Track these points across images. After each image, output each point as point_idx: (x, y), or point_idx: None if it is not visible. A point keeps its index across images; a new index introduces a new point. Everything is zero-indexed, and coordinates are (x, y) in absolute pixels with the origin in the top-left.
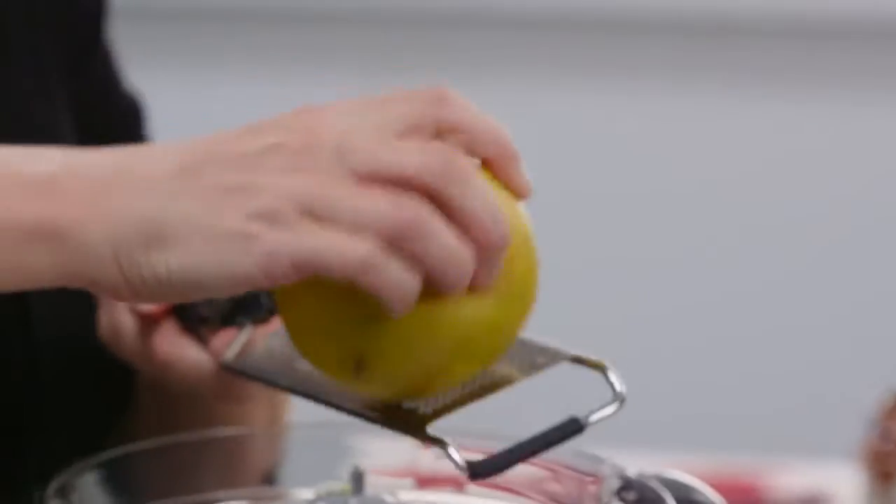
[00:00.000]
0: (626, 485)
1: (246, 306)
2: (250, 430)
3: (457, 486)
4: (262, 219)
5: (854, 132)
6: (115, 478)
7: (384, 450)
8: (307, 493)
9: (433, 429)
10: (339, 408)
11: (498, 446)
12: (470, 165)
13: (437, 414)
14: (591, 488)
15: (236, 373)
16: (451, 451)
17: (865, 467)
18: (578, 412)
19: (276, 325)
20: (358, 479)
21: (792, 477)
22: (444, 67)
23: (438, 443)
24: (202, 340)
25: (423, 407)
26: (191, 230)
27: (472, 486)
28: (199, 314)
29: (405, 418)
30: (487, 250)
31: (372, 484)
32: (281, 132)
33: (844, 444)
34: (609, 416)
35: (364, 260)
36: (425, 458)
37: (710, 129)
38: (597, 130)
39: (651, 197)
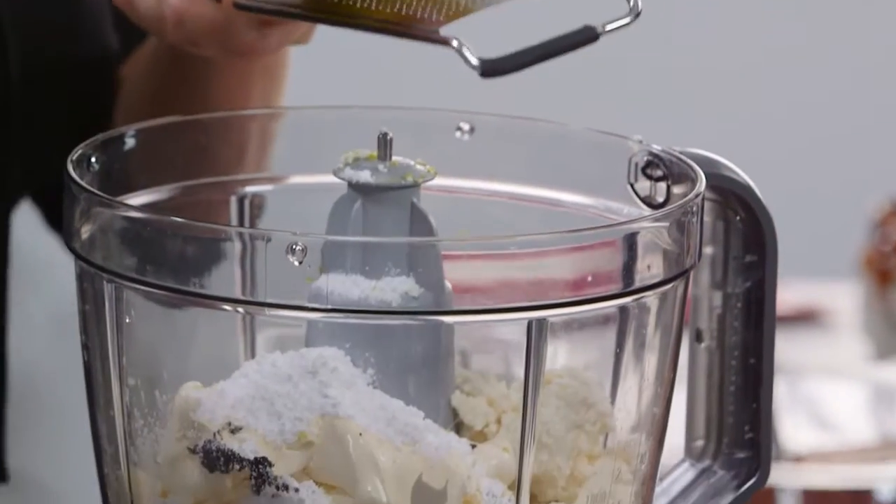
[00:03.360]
0: (654, 160)
1: None
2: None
3: None
4: None
5: None
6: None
7: None
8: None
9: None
10: (356, 26)
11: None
12: None
13: (449, 18)
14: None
15: (250, 9)
16: (464, 49)
17: (864, 270)
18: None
19: None
20: (385, 143)
21: (786, 293)
22: None
23: (451, 42)
24: None
25: (436, 15)
26: None
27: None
28: None
29: (419, 26)
30: None
31: None
32: None
33: (838, 263)
34: (624, 27)
35: None
36: None
37: None
38: None
39: None
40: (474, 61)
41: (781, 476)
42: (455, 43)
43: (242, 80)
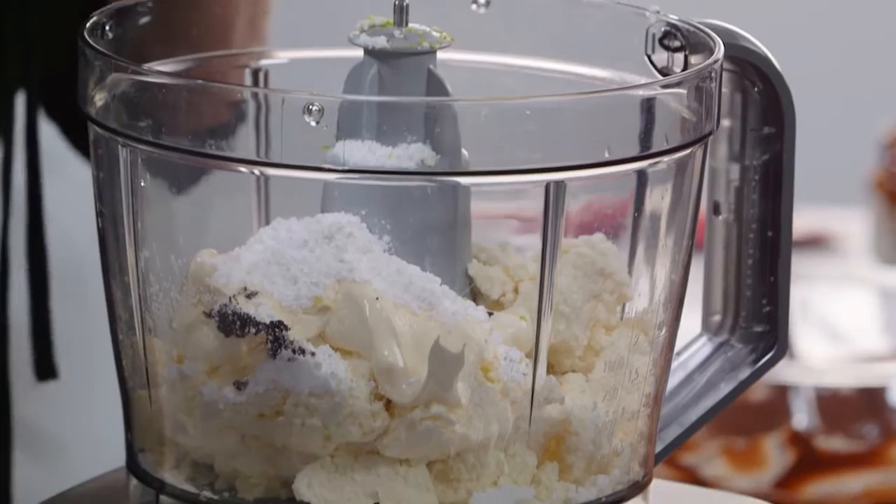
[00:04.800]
0: (671, 30)
1: None
2: None
3: None
4: None
5: None
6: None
7: None
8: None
9: None
10: None
11: None
12: None
13: None
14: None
15: None
16: None
17: (875, 192)
18: None
19: None
20: (401, 10)
21: (796, 219)
22: None
23: None
24: None
25: None
26: None
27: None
28: None
29: None
30: None
31: None
32: None
33: (848, 189)
34: None
35: None
36: None
37: None
38: None
39: None
40: None
41: (794, 374)
42: None
43: None
